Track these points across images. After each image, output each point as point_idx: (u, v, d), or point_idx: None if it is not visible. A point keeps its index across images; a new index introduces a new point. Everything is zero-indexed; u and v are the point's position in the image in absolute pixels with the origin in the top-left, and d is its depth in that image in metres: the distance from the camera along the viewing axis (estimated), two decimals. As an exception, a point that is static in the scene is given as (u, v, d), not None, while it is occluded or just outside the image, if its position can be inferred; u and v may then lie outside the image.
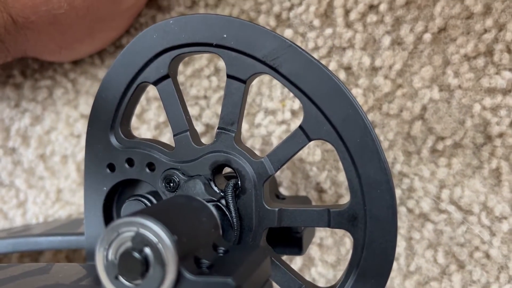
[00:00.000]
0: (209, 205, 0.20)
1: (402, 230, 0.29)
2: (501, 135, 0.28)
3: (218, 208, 0.21)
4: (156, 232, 0.15)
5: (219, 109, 0.32)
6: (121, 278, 0.16)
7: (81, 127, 0.34)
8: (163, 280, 0.15)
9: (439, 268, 0.29)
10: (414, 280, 0.30)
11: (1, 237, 0.30)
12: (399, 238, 0.29)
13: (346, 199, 0.30)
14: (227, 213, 0.21)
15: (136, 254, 0.15)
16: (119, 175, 0.23)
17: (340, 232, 0.31)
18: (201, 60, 0.32)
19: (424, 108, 0.29)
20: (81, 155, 0.34)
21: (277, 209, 0.21)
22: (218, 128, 0.21)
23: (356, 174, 0.20)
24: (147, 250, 0.15)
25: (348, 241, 0.31)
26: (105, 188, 0.23)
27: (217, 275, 0.15)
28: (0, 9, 0.27)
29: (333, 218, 0.20)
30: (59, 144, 0.35)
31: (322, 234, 0.31)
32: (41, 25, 0.28)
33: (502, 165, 0.28)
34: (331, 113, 0.20)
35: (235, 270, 0.15)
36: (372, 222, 0.20)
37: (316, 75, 0.20)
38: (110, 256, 0.16)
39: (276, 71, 0.20)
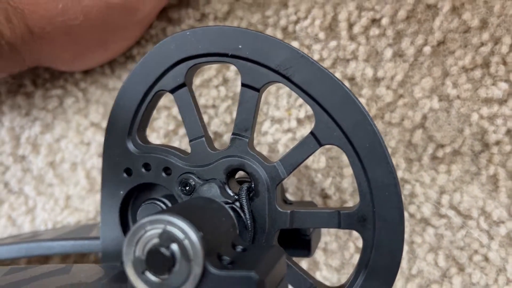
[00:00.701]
0: (226, 206, 0.21)
1: (404, 235, 0.30)
2: (498, 143, 0.29)
3: (233, 210, 0.21)
4: (183, 229, 0.16)
5: (227, 118, 0.33)
6: (148, 273, 0.17)
7: (91, 135, 0.35)
8: (189, 274, 0.16)
9: (440, 271, 0.30)
10: (416, 283, 0.31)
11: (13, 242, 0.30)
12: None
13: (349, 204, 0.31)
14: (241, 214, 0.22)
15: (164, 250, 0.16)
16: (136, 179, 0.24)
17: (344, 236, 0.32)
18: (210, 70, 0.33)
19: (424, 117, 0.30)
20: (90, 162, 0.35)
21: (289, 211, 0.22)
22: (232, 134, 0.22)
23: (365, 178, 0.21)
24: (174, 246, 0.16)
25: (352, 246, 0.31)
26: (122, 192, 0.24)
27: (240, 269, 0.16)
28: (18, 20, 0.28)
29: (343, 220, 0.21)
30: (69, 152, 0.35)
31: (326, 238, 0.32)
32: (56, 36, 0.29)
33: (499, 172, 0.29)
34: (341, 120, 0.21)
35: (256, 265, 0.16)
36: (380, 223, 0.21)
37: (327, 84, 0.21)
38: (138, 252, 0.17)
39: (289, 80, 0.21)
